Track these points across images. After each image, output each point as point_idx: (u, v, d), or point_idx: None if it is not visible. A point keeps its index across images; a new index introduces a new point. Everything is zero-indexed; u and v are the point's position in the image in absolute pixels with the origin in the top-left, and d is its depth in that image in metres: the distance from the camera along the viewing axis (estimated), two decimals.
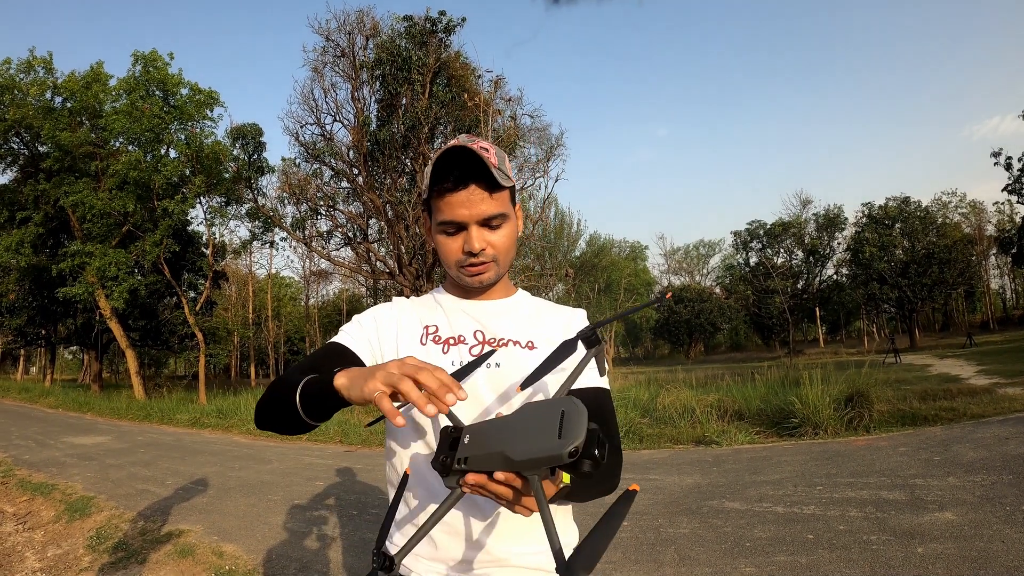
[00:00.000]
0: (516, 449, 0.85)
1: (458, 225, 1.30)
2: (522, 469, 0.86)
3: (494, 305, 1.46)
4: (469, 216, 1.28)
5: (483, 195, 1.28)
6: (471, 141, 1.27)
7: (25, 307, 30.17)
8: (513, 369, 1.32)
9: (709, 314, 57.78)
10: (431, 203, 1.33)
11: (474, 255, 1.31)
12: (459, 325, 1.39)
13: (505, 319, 1.42)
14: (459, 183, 1.26)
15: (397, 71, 18.17)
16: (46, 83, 22.88)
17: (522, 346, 1.37)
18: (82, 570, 4.94)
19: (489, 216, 1.29)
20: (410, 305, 1.47)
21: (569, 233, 44.32)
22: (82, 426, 15.94)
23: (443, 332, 1.38)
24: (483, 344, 1.36)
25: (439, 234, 1.34)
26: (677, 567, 4.25)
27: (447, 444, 0.95)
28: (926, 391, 12.17)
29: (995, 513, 4.74)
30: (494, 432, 0.91)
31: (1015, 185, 41.57)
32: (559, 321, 1.46)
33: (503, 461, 0.86)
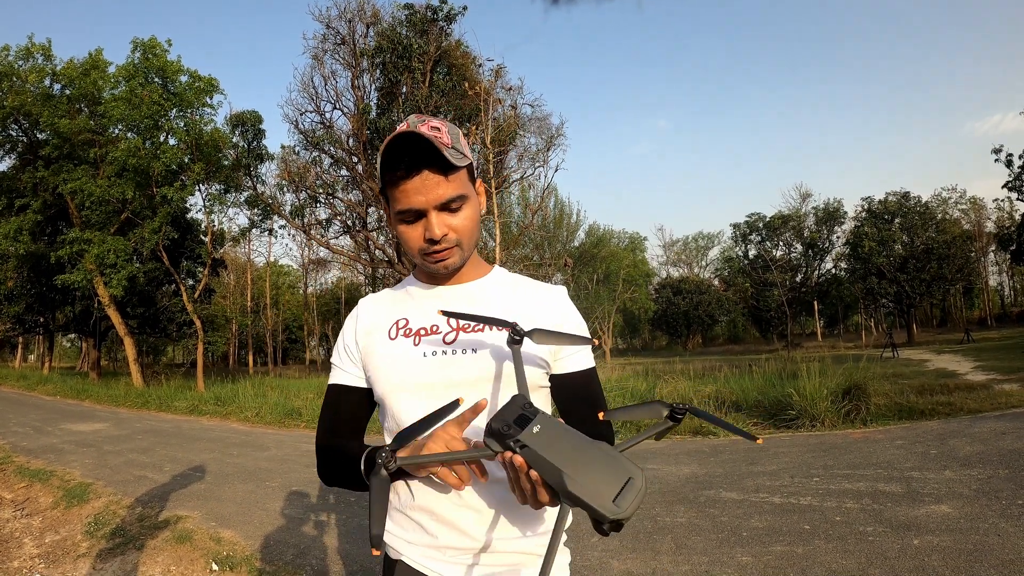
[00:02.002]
0: (575, 480, 0.86)
1: (416, 213, 1.26)
2: (566, 499, 0.88)
3: (465, 289, 1.41)
4: (426, 202, 1.24)
5: (438, 179, 1.24)
6: (420, 122, 1.24)
7: (23, 294, 30.13)
8: (491, 353, 1.29)
9: (707, 306, 57.83)
10: (386, 192, 1.30)
11: (436, 242, 1.27)
12: (430, 314, 1.36)
13: (478, 302, 1.39)
14: (411, 169, 1.23)
15: (398, 59, 18.13)
16: (45, 70, 22.83)
17: (499, 328, 1.30)
18: (80, 556, 4.95)
19: (447, 200, 1.25)
20: (376, 303, 1.46)
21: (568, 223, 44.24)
22: (80, 413, 15.96)
23: (413, 323, 1.36)
24: (457, 331, 1.32)
25: (399, 224, 1.30)
26: (674, 556, 4.26)
27: (514, 418, 0.94)
28: (923, 385, 12.18)
29: (991, 507, 4.75)
30: (563, 446, 0.90)
31: (1015, 182, 41.53)
32: (537, 297, 1.41)
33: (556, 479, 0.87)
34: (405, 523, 1.31)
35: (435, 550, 1.26)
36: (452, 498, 1.25)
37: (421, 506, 1.27)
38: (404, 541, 1.30)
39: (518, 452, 0.90)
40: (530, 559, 1.28)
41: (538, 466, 0.89)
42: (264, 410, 14.20)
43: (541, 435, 0.91)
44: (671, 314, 59.47)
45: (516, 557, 1.27)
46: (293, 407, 14.05)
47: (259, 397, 16.12)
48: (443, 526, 1.25)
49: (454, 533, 1.25)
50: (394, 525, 1.33)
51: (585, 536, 4.80)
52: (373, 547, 0.95)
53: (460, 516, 1.24)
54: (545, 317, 1.36)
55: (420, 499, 1.27)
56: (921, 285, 41.66)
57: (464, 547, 1.25)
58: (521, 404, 0.95)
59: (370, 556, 4.59)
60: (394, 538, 1.32)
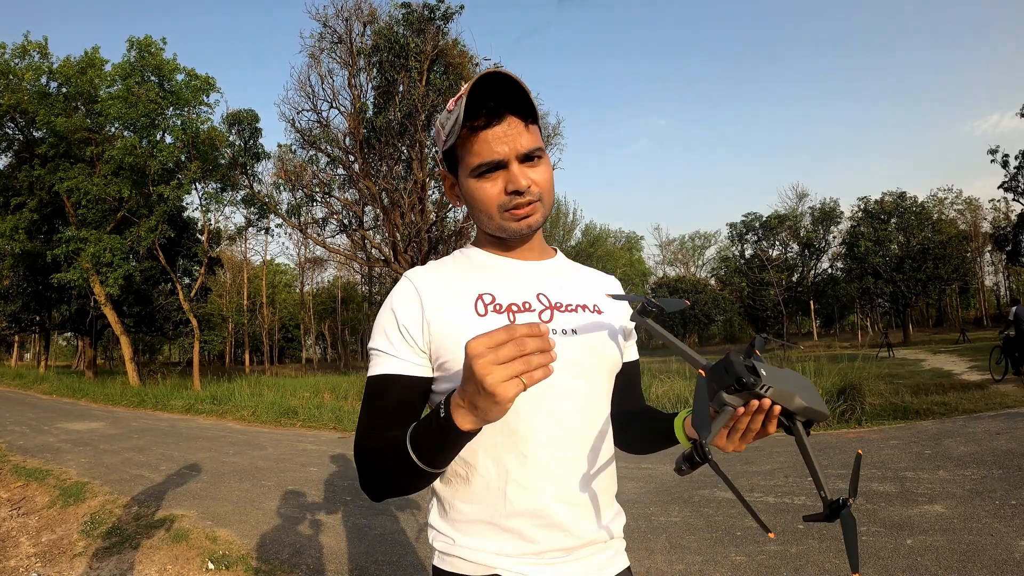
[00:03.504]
0: (804, 398, 1.02)
1: (496, 164, 1.15)
2: (801, 414, 1.03)
3: (546, 265, 1.31)
4: (509, 152, 1.14)
5: (520, 127, 1.16)
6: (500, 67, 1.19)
7: (19, 293, 30.11)
8: (589, 336, 1.22)
9: (704, 305, 57.88)
10: (456, 151, 1.20)
11: (520, 193, 1.16)
12: (518, 288, 1.22)
13: (563, 280, 1.30)
14: (493, 117, 1.14)
15: (394, 58, 18.13)
16: (41, 68, 22.78)
17: (590, 310, 1.27)
18: (76, 555, 4.96)
19: (530, 150, 1.16)
20: (440, 275, 1.23)
21: (565, 222, 44.40)
22: (76, 412, 15.95)
23: (502, 298, 1.19)
24: (551, 309, 1.21)
25: (472, 180, 1.18)
26: (668, 555, 4.28)
27: (744, 369, 0.99)
28: (918, 385, 12.23)
29: (984, 507, 4.78)
30: (784, 377, 1.03)
31: (1011, 182, 41.66)
32: (605, 285, 1.38)
33: (792, 402, 1.01)
34: (494, 535, 1.14)
35: (534, 556, 1.14)
36: (560, 496, 1.14)
37: (522, 512, 1.13)
38: (494, 554, 1.14)
39: (765, 395, 0.99)
40: (614, 542, 1.25)
41: (780, 399, 1.00)
42: (260, 409, 14.19)
43: (771, 377, 1.00)
44: (667, 313, 59.40)
45: (604, 545, 1.22)
46: (289, 406, 14.04)
47: (255, 396, 16.11)
48: (546, 530, 1.14)
49: (558, 534, 1.14)
50: (476, 539, 1.15)
51: None
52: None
53: (566, 515, 1.15)
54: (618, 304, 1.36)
55: (521, 505, 1.13)
56: (917, 285, 41.79)
57: (566, 546, 1.15)
58: (739, 357, 1.01)
59: (367, 555, 4.60)
60: (479, 553, 1.14)
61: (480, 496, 1.15)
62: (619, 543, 1.27)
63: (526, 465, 1.13)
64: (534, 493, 1.13)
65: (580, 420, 1.18)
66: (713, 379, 1.02)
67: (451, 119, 1.16)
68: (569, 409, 1.17)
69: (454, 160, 1.22)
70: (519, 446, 1.13)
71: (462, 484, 1.17)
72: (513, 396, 0.82)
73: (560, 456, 1.15)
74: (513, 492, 1.13)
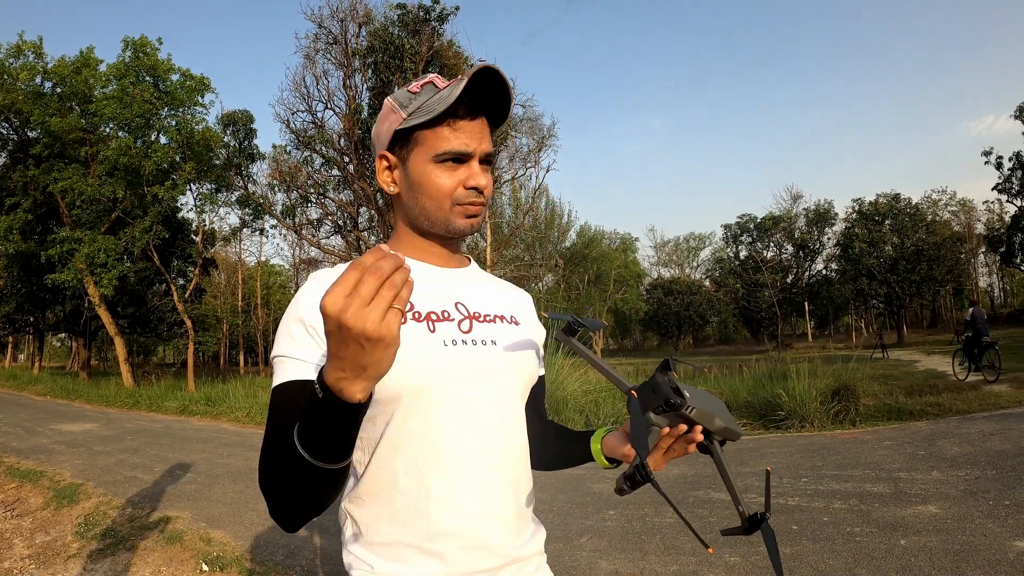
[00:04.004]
0: (722, 419, 1.08)
1: (462, 155, 1.12)
2: (720, 433, 1.10)
3: (463, 273, 1.26)
4: (477, 148, 1.13)
5: (487, 129, 1.16)
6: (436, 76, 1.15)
7: (13, 294, 30.00)
8: (507, 347, 1.19)
9: (698, 307, 58.01)
10: (417, 132, 1.13)
11: (479, 192, 1.14)
12: (437, 296, 1.17)
13: (480, 289, 1.26)
14: (474, 110, 1.13)
15: (390, 59, 18.10)
16: (36, 68, 22.74)
17: (507, 321, 1.24)
18: (70, 556, 4.94)
19: (489, 154, 1.16)
20: None
21: (560, 224, 44.32)
22: (70, 413, 15.90)
23: (420, 306, 1.13)
24: (470, 319, 1.17)
25: (432, 165, 1.13)
26: (662, 556, 4.29)
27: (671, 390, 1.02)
28: (912, 386, 12.28)
29: (978, 507, 4.79)
30: (704, 398, 1.08)
31: (1005, 184, 41.83)
32: (519, 297, 1.36)
33: (712, 423, 1.07)
34: (416, 559, 1.07)
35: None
36: (483, 513, 1.10)
37: (445, 532, 1.07)
38: None
39: (690, 415, 1.04)
40: (536, 557, 1.21)
41: (702, 420, 1.05)
42: (255, 410, 14.15)
43: (694, 398, 1.04)
44: (662, 315, 59.61)
45: (527, 561, 1.18)
46: None
47: (250, 397, 16.06)
48: (469, 552, 1.08)
49: (481, 554, 1.09)
50: (397, 564, 1.08)
51: (574, 536, 4.82)
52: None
53: (490, 532, 1.10)
54: (532, 318, 1.35)
55: (444, 524, 1.07)
56: (911, 286, 41.92)
57: (489, 567, 1.10)
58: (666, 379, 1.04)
59: None
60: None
61: (401, 517, 1.07)
62: (540, 558, 1.23)
63: (448, 481, 1.08)
64: (457, 511, 1.08)
65: (500, 433, 1.15)
66: (642, 400, 1.04)
67: (429, 98, 1.12)
68: (489, 422, 1.13)
69: (408, 140, 1.15)
70: (440, 461, 1.07)
71: (380, 504, 1.09)
72: (398, 329, 0.73)
73: (482, 471, 1.11)
74: (435, 511, 1.07)
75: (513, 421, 1.18)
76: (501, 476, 1.13)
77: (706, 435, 1.07)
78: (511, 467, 1.16)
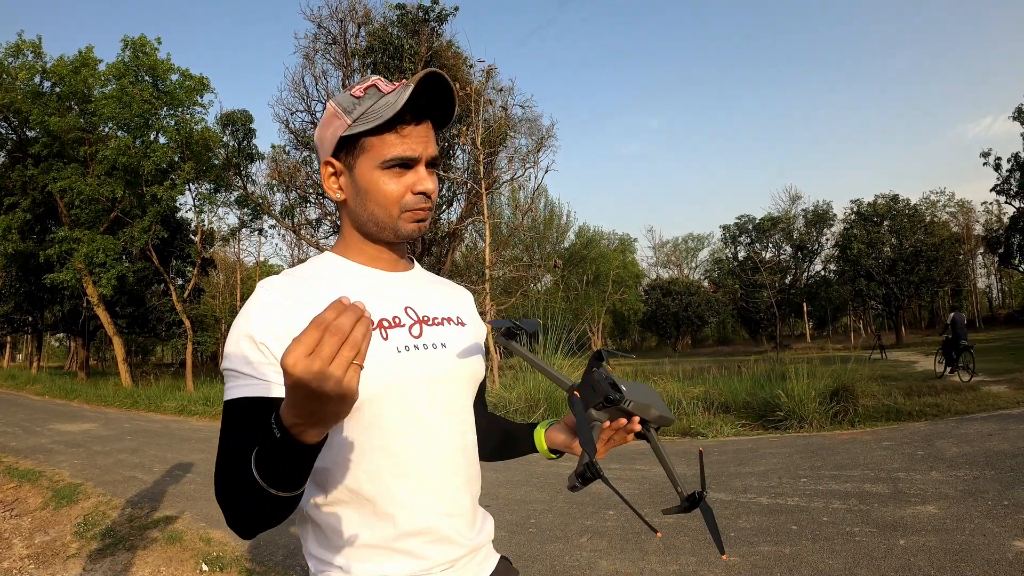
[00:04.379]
0: (657, 408, 1.15)
1: (410, 161, 1.13)
2: (655, 422, 1.16)
3: (409, 277, 1.28)
4: (423, 153, 1.14)
5: (432, 133, 1.16)
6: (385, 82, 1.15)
7: (12, 294, 29.98)
8: (457, 350, 1.22)
9: (697, 307, 57.97)
10: (362, 138, 1.13)
11: (427, 196, 1.15)
12: (386, 302, 1.17)
13: (427, 292, 1.28)
14: (420, 115, 1.14)
15: (389, 59, 18.12)
16: (35, 67, 22.71)
17: (455, 323, 1.27)
18: (70, 556, 4.94)
19: (435, 158, 1.17)
20: (300, 284, 1.12)
21: (558, 224, 44.35)
22: (69, 413, 15.89)
23: (373, 313, 1.11)
24: (420, 323, 1.19)
25: (379, 172, 1.13)
26: (662, 556, 4.29)
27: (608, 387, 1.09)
28: (911, 387, 12.29)
29: (977, 507, 4.80)
30: (639, 390, 1.15)
31: (1003, 185, 41.87)
32: (462, 297, 1.40)
33: (649, 413, 1.13)
34: (385, 558, 1.10)
35: (424, 572, 1.12)
36: (444, 511, 1.14)
37: (413, 531, 1.10)
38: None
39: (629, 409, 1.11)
40: (485, 545, 1.26)
41: (640, 411, 1.12)
42: None
43: (631, 391, 1.11)
44: (661, 315, 59.58)
45: (482, 548, 1.24)
46: None
47: None
48: (435, 545, 1.13)
49: (446, 547, 1.14)
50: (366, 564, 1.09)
51: (574, 537, 4.82)
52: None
53: (451, 527, 1.15)
54: (474, 316, 1.39)
55: (410, 525, 1.10)
56: (910, 287, 41.93)
57: (452, 558, 1.15)
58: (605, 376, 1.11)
59: None
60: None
61: (368, 521, 1.10)
62: (490, 545, 1.29)
63: (410, 485, 1.11)
64: (421, 513, 1.11)
65: (454, 433, 1.19)
66: (583, 398, 1.11)
67: (374, 103, 1.11)
68: (444, 424, 1.17)
69: (353, 146, 1.14)
70: (401, 467, 1.10)
71: (345, 510, 1.10)
72: (357, 384, 0.74)
73: (440, 471, 1.15)
74: (401, 514, 1.10)
75: (464, 421, 1.23)
76: (458, 475, 1.18)
77: (643, 424, 1.14)
78: (465, 466, 1.21)
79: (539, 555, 4.47)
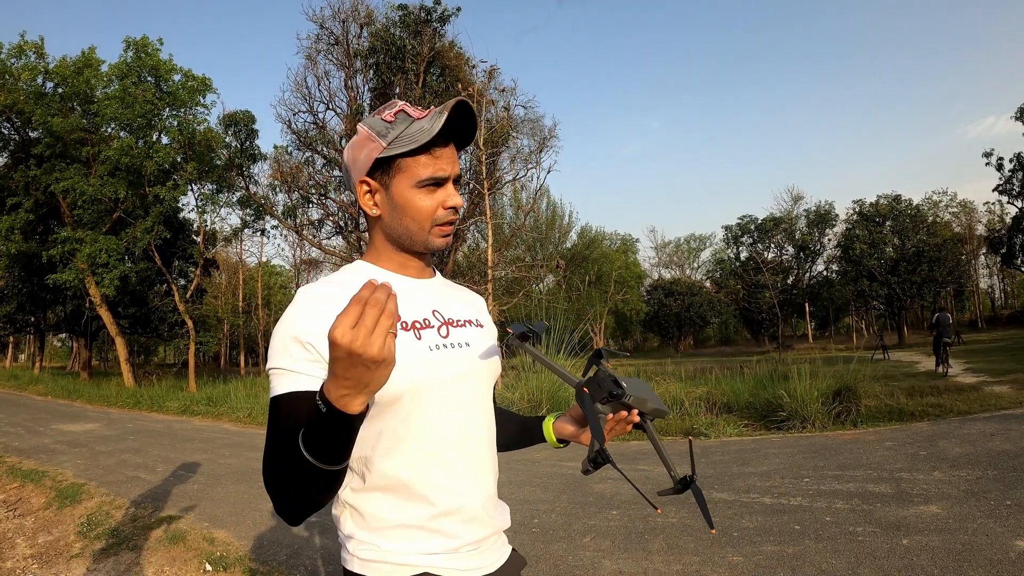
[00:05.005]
0: (653, 402, 1.32)
1: (443, 180, 1.25)
2: (651, 413, 1.32)
3: (434, 283, 1.39)
4: (452, 172, 1.26)
5: (455, 153, 1.28)
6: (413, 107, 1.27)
7: (14, 294, 29.98)
8: (479, 349, 1.34)
9: (699, 308, 57.88)
10: (398, 160, 1.22)
11: (456, 211, 1.28)
12: (417, 305, 1.29)
13: (450, 297, 1.41)
14: (447, 138, 1.25)
15: (391, 60, 18.13)
16: (37, 68, 22.72)
17: (475, 325, 1.39)
18: (73, 556, 4.95)
19: (459, 175, 1.29)
20: (338, 290, 1.20)
21: (560, 225, 44.34)
22: (71, 413, 15.91)
23: (405, 315, 1.24)
24: (447, 324, 1.31)
25: (415, 190, 1.23)
26: (665, 555, 4.29)
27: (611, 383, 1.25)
28: (913, 387, 12.28)
29: (979, 507, 4.80)
30: (637, 385, 1.31)
31: (1006, 185, 41.81)
32: (477, 302, 1.53)
33: (646, 406, 1.30)
34: (421, 537, 1.20)
35: (453, 552, 1.22)
36: (474, 493, 1.27)
37: (446, 512, 1.21)
38: (421, 554, 1.19)
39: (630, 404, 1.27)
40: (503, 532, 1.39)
41: (639, 405, 1.28)
42: (256, 411, 14.17)
43: (631, 387, 1.25)
44: (663, 316, 59.51)
45: (501, 532, 1.37)
46: None
47: (251, 398, 16.07)
48: (466, 524, 1.24)
49: (475, 526, 1.26)
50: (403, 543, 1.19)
51: (578, 536, 4.83)
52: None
53: (481, 508, 1.27)
54: (488, 319, 1.50)
55: (445, 505, 1.21)
56: (912, 287, 41.86)
57: (480, 538, 1.27)
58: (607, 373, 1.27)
59: None
60: (407, 555, 1.19)
61: (405, 504, 1.20)
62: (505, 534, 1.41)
63: (446, 470, 1.23)
64: (455, 494, 1.23)
65: (479, 424, 1.32)
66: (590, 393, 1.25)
67: (407, 127, 1.21)
68: (470, 416, 1.30)
69: (388, 167, 1.24)
70: (435, 453, 1.22)
71: (384, 494, 1.21)
72: (394, 350, 0.88)
73: (470, 457, 1.28)
74: (437, 496, 1.21)
75: (487, 412, 1.36)
76: (485, 462, 1.32)
77: (641, 416, 1.31)
78: (490, 454, 1.35)
79: (543, 555, 4.47)
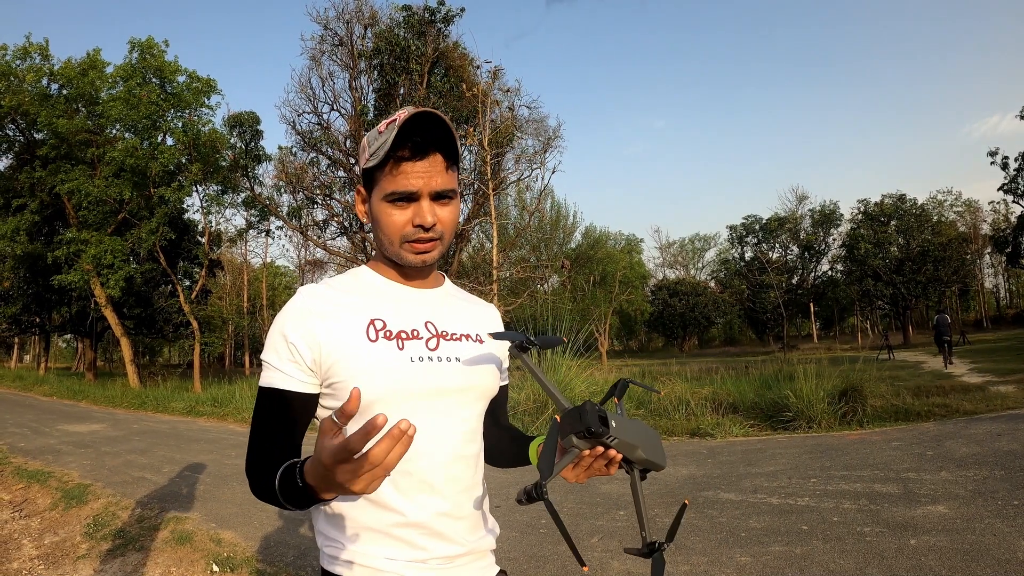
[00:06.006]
0: (646, 451, 1.16)
1: (409, 196, 1.20)
2: (640, 464, 1.17)
3: (436, 293, 1.37)
4: (424, 187, 1.20)
5: (441, 167, 1.22)
6: None
7: (20, 295, 30.06)
8: (469, 365, 1.30)
9: (704, 308, 57.88)
10: (374, 172, 1.23)
11: (426, 229, 1.22)
12: (408, 315, 1.28)
13: (450, 309, 1.37)
14: (419, 152, 1.19)
15: (395, 61, 18.14)
16: (43, 70, 22.78)
17: (472, 340, 1.35)
18: (79, 557, 4.96)
19: (443, 189, 1.22)
20: (334, 293, 1.26)
21: (565, 225, 44.26)
22: (77, 414, 15.95)
23: (393, 324, 1.24)
24: (438, 337, 1.28)
25: (384, 204, 1.22)
26: (673, 556, 4.29)
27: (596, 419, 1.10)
28: (919, 387, 12.26)
29: (986, 507, 4.79)
30: (633, 429, 1.16)
31: (1011, 185, 41.69)
32: (486, 315, 1.47)
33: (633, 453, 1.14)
34: (385, 542, 1.20)
35: (420, 563, 1.21)
36: (447, 512, 1.23)
37: (414, 523, 1.20)
38: (384, 559, 1.20)
39: (612, 445, 1.11)
40: (489, 554, 1.35)
41: (624, 450, 1.13)
42: None
43: (619, 427, 1.11)
44: (667, 316, 59.51)
45: (483, 554, 1.32)
46: None
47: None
48: (434, 539, 1.22)
49: (444, 543, 1.23)
50: (367, 545, 1.20)
51: (585, 537, 4.82)
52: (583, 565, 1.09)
53: (452, 527, 1.24)
54: None
55: (414, 516, 1.20)
56: (917, 287, 41.81)
57: (449, 554, 1.23)
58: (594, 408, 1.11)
59: None
60: (369, 558, 1.20)
61: (371, 509, 1.20)
62: (492, 556, 1.36)
63: (412, 482, 1.20)
64: (420, 508, 1.21)
65: (457, 442, 1.27)
66: (567, 423, 1.12)
67: (378, 142, 1.21)
68: (452, 432, 1.26)
69: (371, 179, 1.25)
70: (404, 466, 1.18)
71: (353, 498, 1.21)
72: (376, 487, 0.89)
73: (445, 475, 1.24)
74: (402, 505, 1.20)
75: (470, 431, 1.31)
76: (458, 481, 1.26)
77: (628, 462, 1.17)
78: (467, 473, 1.29)
79: (550, 556, 4.47)
